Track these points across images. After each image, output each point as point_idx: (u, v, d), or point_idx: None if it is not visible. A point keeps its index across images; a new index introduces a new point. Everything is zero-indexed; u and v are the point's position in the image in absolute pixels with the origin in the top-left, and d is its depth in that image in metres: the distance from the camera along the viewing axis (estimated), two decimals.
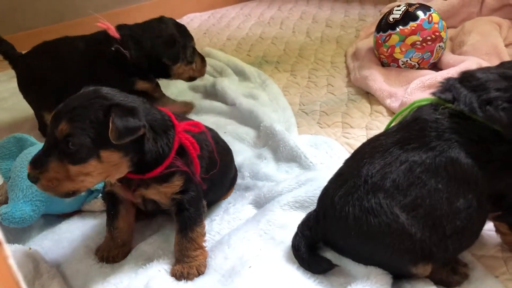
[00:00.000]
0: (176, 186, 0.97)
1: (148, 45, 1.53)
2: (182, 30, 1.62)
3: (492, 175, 0.83)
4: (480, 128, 0.82)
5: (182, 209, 0.98)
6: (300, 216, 1.04)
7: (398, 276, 0.88)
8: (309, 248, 0.93)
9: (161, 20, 1.59)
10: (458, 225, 0.83)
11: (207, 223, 1.06)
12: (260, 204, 1.12)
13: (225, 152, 1.20)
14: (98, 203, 1.16)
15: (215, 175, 1.07)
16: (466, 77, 0.87)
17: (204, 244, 0.99)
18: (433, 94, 0.90)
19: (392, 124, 0.96)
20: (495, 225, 0.93)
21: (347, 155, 1.31)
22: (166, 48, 1.55)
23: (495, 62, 1.62)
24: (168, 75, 1.61)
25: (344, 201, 0.86)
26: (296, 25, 2.57)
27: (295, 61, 2.11)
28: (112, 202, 1.02)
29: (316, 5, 2.91)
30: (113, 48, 1.50)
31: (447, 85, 0.88)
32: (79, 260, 1.01)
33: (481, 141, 0.82)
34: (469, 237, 0.88)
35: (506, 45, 1.81)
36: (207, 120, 1.49)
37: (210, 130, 1.16)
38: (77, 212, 1.17)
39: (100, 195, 1.16)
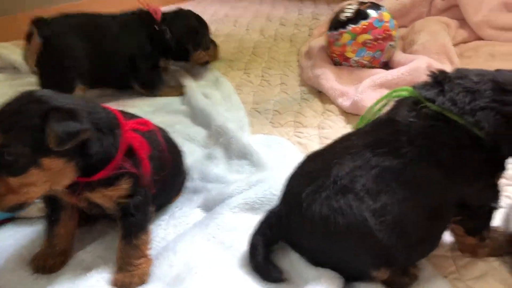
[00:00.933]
0: (123, 189, 0.91)
1: (178, 31, 1.77)
2: (201, 20, 1.90)
3: (461, 183, 0.82)
4: (460, 132, 0.79)
5: (127, 214, 0.92)
6: (250, 218, 1.01)
7: (352, 278, 0.87)
8: (266, 249, 0.89)
9: (183, 11, 1.87)
10: (424, 233, 0.82)
11: (152, 228, 1.01)
12: (209, 207, 1.08)
13: (176, 152, 1.15)
14: (35, 208, 1.08)
15: (166, 177, 1.02)
16: (460, 77, 0.82)
17: (148, 251, 0.94)
18: (415, 87, 0.85)
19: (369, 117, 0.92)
20: (451, 227, 0.91)
21: (299, 155, 1.30)
22: (191, 36, 1.81)
23: (444, 61, 1.65)
24: (187, 59, 1.86)
25: (312, 199, 0.83)
26: (250, 23, 2.54)
27: (249, 59, 2.08)
28: (52, 207, 0.95)
29: (270, 3, 2.90)
30: (156, 27, 1.74)
31: (435, 80, 0.84)
32: (11, 270, 0.94)
33: (457, 147, 0.79)
34: (432, 244, 0.88)
35: (454, 45, 1.85)
36: (155, 119, 1.43)
37: (161, 129, 1.12)
38: (10, 219, 1.09)
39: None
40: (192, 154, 1.30)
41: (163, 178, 1.01)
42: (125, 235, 0.92)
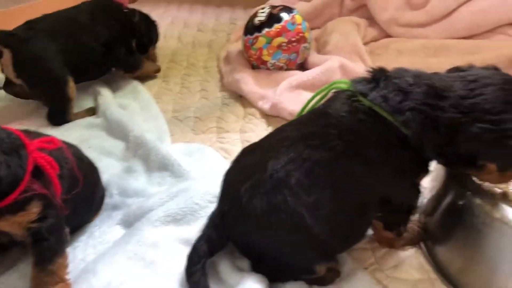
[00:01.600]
0: (33, 213, 0.85)
1: (144, 16, 1.84)
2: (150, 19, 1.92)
3: (386, 180, 0.84)
4: (388, 129, 0.80)
5: (40, 239, 0.86)
6: (173, 231, 0.99)
7: (280, 279, 0.88)
8: (209, 257, 0.87)
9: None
10: (353, 227, 0.85)
11: (69, 251, 0.96)
12: (129, 223, 1.05)
13: (90, 169, 1.10)
14: None
15: (79, 196, 0.97)
16: (396, 76, 0.83)
17: (66, 275, 0.89)
18: (353, 81, 0.86)
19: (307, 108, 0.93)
20: (373, 223, 0.94)
21: (222, 161, 1.29)
22: (153, 25, 1.88)
23: (356, 59, 1.72)
24: (146, 51, 1.88)
25: (251, 194, 0.82)
26: (167, 31, 2.50)
27: (167, 67, 2.05)
28: None
29: (187, 10, 2.87)
30: (125, 9, 1.78)
31: (372, 76, 0.85)
32: None
33: (384, 143, 0.81)
34: (360, 237, 0.91)
35: (365, 43, 1.92)
36: (69, 136, 1.37)
37: (70, 146, 1.06)
38: None
39: None
40: (110, 169, 1.25)
41: (76, 197, 0.97)
42: (38, 262, 0.86)
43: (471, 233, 0.84)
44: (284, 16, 1.67)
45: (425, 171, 0.86)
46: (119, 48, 1.73)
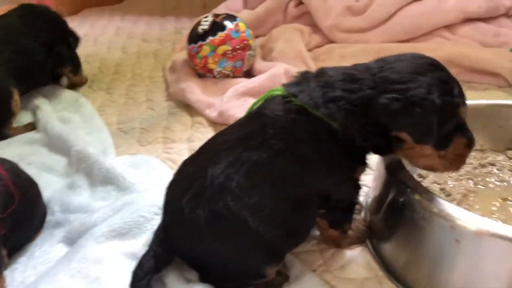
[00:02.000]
0: None
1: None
2: None
3: (320, 175, 0.84)
4: (319, 126, 0.81)
5: None
6: (118, 246, 0.96)
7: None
8: (156, 273, 0.85)
9: None
10: (297, 224, 0.86)
11: (7, 273, 0.91)
12: (72, 240, 1.01)
13: (29, 186, 1.06)
14: None
15: (17, 214, 0.93)
16: (320, 73, 0.86)
17: None
18: (285, 85, 0.87)
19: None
20: (316, 221, 0.95)
21: (168, 171, 1.27)
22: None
23: (300, 66, 1.74)
24: (76, 46, 1.82)
25: (194, 204, 0.81)
26: (111, 42, 2.45)
27: (112, 78, 2.01)
28: None
29: (132, 20, 2.82)
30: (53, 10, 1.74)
31: (300, 78, 0.87)
32: None
33: (315, 140, 0.82)
34: (305, 234, 0.91)
35: (310, 49, 1.96)
36: (9, 153, 1.31)
37: (5, 161, 1.02)
38: None
39: None
40: (51, 185, 1.21)
41: (14, 215, 0.92)
42: None
43: (412, 228, 0.86)
44: (228, 24, 1.67)
45: (362, 164, 0.87)
46: (61, 46, 1.71)
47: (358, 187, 0.90)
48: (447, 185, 1.00)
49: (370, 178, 1.08)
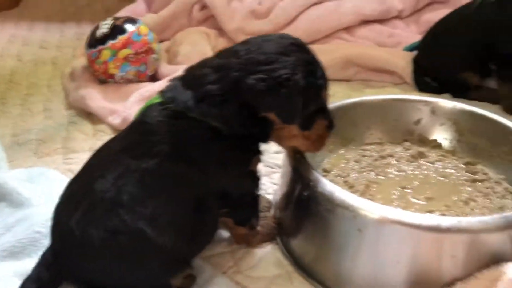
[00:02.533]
0: None
1: None
2: None
3: (213, 175, 0.83)
4: (199, 127, 0.80)
5: None
6: (10, 266, 0.88)
7: None
8: None
9: None
10: (198, 229, 0.83)
11: None
12: None
13: None
14: None
15: None
16: (187, 74, 0.85)
17: None
18: (160, 92, 0.85)
19: None
20: (223, 220, 0.94)
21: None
22: None
23: None
24: None
25: (85, 224, 0.75)
26: (4, 49, 2.28)
27: (6, 88, 1.86)
28: None
29: (27, 26, 2.64)
30: None
31: (170, 85, 0.85)
32: None
33: (201, 141, 0.81)
34: (209, 236, 0.90)
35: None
36: None
37: None
38: None
39: None
40: None
41: None
42: None
43: (317, 222, 0.87)
44: (129, 27, 1.61)
45: (255, 153, 0.87)
46: None
47: (256, 179, 0.91)
48: (350, 178, 1.04)
49: (278, 176, 1.09)
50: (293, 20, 1.98)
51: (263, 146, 0.89)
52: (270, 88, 0.78)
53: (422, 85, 1.65)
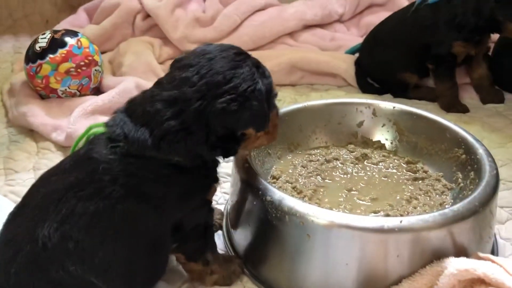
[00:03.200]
0: None
1: None
2: None
3: (171, 210, 0.80)
4: (158, 165, 0.76)
5: None
6: None
7: None
8: None
9: None
10: (151, 269, 0.80)
11: None
12: None
13: None
14: None
15: None
16: (135, 110, 0.79)
17: None
18: (107, 125, 0.79)
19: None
20: (176, 256, 0.91)
21: (11, 206, 1.14)
22: None
23: (151, 78, 1.70)
24: None
25: (26, 275, 0.70)
26: None
27: None
28: None
29: None
30: None
31: (117, 119, 0.79)
32: None
33: (159, 178, 0.77)
34: (162, 272, 0.86)
35: (162, 61, 1.93)
36: None
37: None
38: None
39: None
40: None
41: None
42: None
43: (268, 230, 0.88)
44: (69, 40, 1.57)
45: (214, 181, 0.86)
46: None
47: (211, 210, 0.89)
48: (298, 183, 1.05)
49: (229, 185, 1.10)
50: (237, 27, 1.99)
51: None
52: (242, 105, 0.76)
53: (364, 87, 1.71)
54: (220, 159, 0.86)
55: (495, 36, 1.61)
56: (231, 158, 0.93)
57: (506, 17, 1.44)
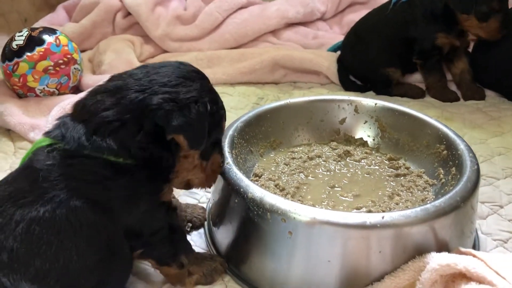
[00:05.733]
0: None
1: None
2: None
3: (119, 214, 0.77)
4: (95, 165, 0.73)
5: None
6: None
7: None
8: None
9: None
10: (100, 276, 0.75)
11: None
12: None
13: None
14: None
15: None
16: (76, 107, 0.78)
17: None
18: (47, 133, 0.77)
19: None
20: (147, 261, 0.89)
21: None
22: None
23: None
24: None
25: None
26: None
27: None
28: None
29: None
30: None
31: (58, 122, 0.77)
32: None
33: (99, 180, 0.74)
34: (119, 280, 0.82)
35: (143, 60, 1.91)
36: None
37: None
38: None
39: None
40: None
41: None
42: None
43: (250, 228, 0.87)
44: (47, 38, 1.54)
45: (165, 182, 0.81)
46: None
47: (171, 210, 0.85)
48: (281, 181, 1.05)
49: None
50: (219, 25, 1.97)
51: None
52: (179, 109, 0.75)
53: (347, 85, 1.71)
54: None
55: None
56: None
57: (456, 7, 1.49)
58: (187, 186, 0.88)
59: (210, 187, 0.92)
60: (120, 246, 0.78)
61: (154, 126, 0.75)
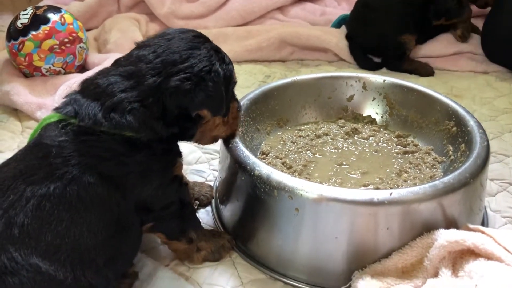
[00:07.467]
0: None
1: None
2: None
3: (132, 189, 0.78)
4: (111, 141, 0.74)
5: None
6: None
7: None
8: None
9: None
10: (110, 251, 0.76)
11: None
12: None
13: None
14: None
15: None
16: (87, 86, 0.78)
17: None
18: (57, 109, 0.77)
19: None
20: (157, 236, 0.89)
21: None
22: None
23: None
24: None
25: None
26: None
27: None
28: None
29: None
30: None
31: (68, 99, 0.77)
32: None
33: (115, 156, 0.75)
34: (128, 255, 0.83)
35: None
36: None
37: None
38: None
39: None
40: None
41: None
42: None
43: (257, 205, 0.87)
44: (52, 16, 1.52)
45: (176, 156, 0.84)
46: None
47: (183, 185, 0.86)
48: (288, 159, 1.04)
49: (217, 162, 1.08)
50: (225, 2, 1.95)
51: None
52: (197, 85, 0.76)
53: (362, 62, 1.68)
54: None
55: None
56: None
57: None
58: (214, 140, 0.91)
59: (235, 134, 0.93)
60: (131, 222, 0.79)
61: (176, 107, 0.77)
